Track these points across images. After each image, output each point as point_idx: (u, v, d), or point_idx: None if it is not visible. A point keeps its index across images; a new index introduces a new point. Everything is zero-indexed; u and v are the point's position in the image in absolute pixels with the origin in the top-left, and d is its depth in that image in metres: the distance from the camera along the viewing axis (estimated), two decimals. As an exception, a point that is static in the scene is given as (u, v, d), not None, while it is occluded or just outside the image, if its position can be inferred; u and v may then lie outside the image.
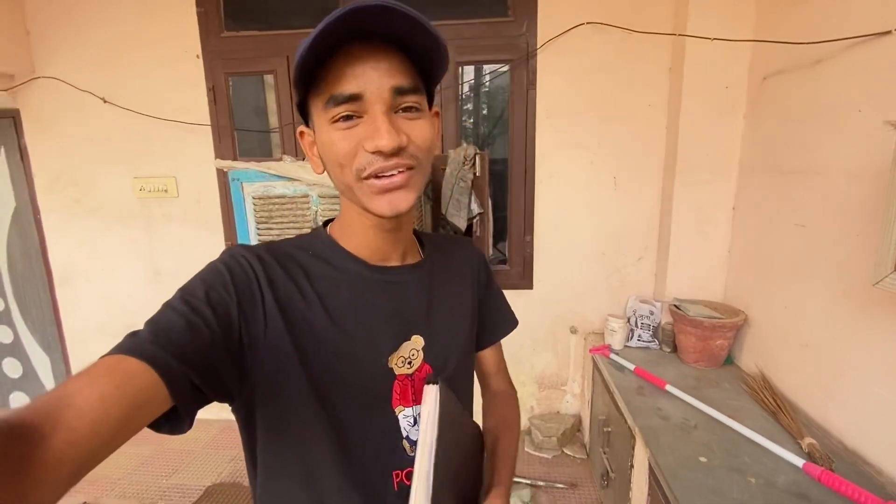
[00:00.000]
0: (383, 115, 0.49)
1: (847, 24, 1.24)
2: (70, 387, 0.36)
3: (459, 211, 1.88)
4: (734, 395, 1.52)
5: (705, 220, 1.87)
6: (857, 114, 1.21)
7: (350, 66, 0.48)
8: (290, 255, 0.57)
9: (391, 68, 0.49)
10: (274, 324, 0.51)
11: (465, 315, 0.69)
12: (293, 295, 0.53)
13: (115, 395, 0.36)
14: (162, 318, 0.44)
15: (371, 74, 0.48)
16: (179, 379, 0.41)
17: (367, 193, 0.52)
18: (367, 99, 0.48)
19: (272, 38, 2.14)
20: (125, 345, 0.41)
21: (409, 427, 0.61)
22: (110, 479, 2.09)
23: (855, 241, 1.21)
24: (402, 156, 0.50)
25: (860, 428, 1.20)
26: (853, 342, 1.21)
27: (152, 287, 2.44)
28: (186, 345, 0.42)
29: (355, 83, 0.48)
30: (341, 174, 0.52)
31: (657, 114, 1.98)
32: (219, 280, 0.49)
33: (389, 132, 0.48)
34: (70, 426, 0.33)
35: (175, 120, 2.21)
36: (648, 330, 1.94)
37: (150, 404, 0.39)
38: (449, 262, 0.70)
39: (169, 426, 0.43)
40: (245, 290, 0.50)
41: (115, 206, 2.38)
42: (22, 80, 2.24)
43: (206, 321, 0.45)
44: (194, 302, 0.46)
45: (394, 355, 0.59)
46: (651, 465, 1.26)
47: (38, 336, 2.61)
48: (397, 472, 0.60)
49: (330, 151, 0.51)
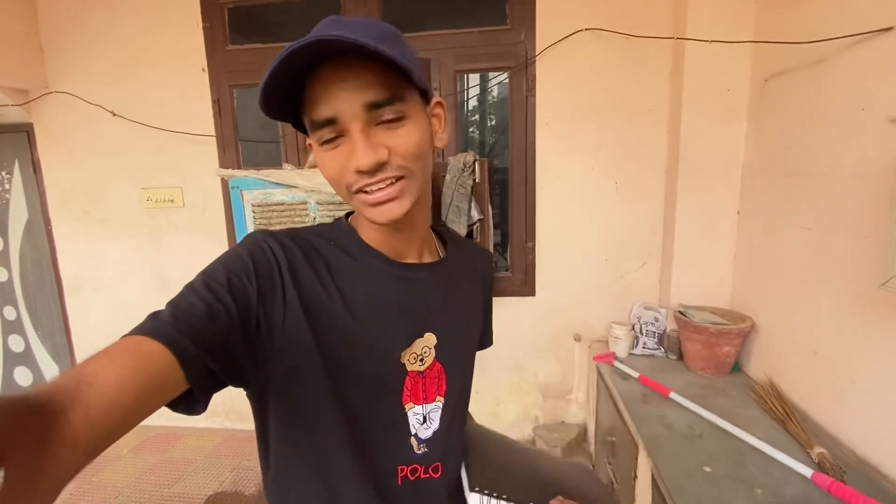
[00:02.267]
0: (360, 134, 0.49)
1: (847, 22, 1.22)
2: (90, 366, 0.36)
3: (459, 217, 1.88)
4: (741, 404, 1.47)
5: (710, 225, 1.84)
6: (861, 112, 1.18)
7: (322, 89, 0.49)
8: (312, 243, 0.57)
9: (362, 84, 0.48)
10: (293, 311, 0.52)
11: (474, 318, 0.71)
12: (314, 284, 0.54)
13: (133, 376, 0.36)
14: (183, 301, 0.45)
15: (341, 95, 0.48)
16: (196, 363, 0.41)
17: (362, 206, 0.54)
18: (342, 120, 0.49)
19: (275, 51, 2.13)
20: (146, 326, 0.42)
21: (419, 425, 0.62)
22: (114, 487, 2.10)
23: (863, 242, 1.17)
24: (385, 170, 0.51)
25: (873, 437, 1.14)
26: (864, 347, 1.17)
27: (159, 296, 2.46)
28: (205, 329, 0.43)
29: (327, 107, 0.49)
30: (338, 190, 0.55)
31: (658, 118, 1.96)
32: (241, 266, 0.50)
33: (365, 152, 0.49)
34: (88, 404, 0.33)
35: (181, 132, 2.26)
36: (654, 337, 1.89)
37: (167, 386, 0.40)
38: (467, 265, 0.71)
39: (184, 407, 0.44)
40: (266, 278, 0.51)
41: (123, 217, 2.42)
42: (36, 95, 2.31)
43: (227, 307, 0.46)
44: (215, 287, 0.46)
45: (406, 351, 0.59)
46: (654, 476, 1.22)
47: (49, 345, 2.65)
48: (403, 466, 0.61)
49: (323, 171, 0.54)
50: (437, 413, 0.63)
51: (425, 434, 0.62)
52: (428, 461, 0.63)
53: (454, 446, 0.67)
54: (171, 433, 2.45)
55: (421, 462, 0.62)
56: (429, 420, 0.63)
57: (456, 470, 0.66)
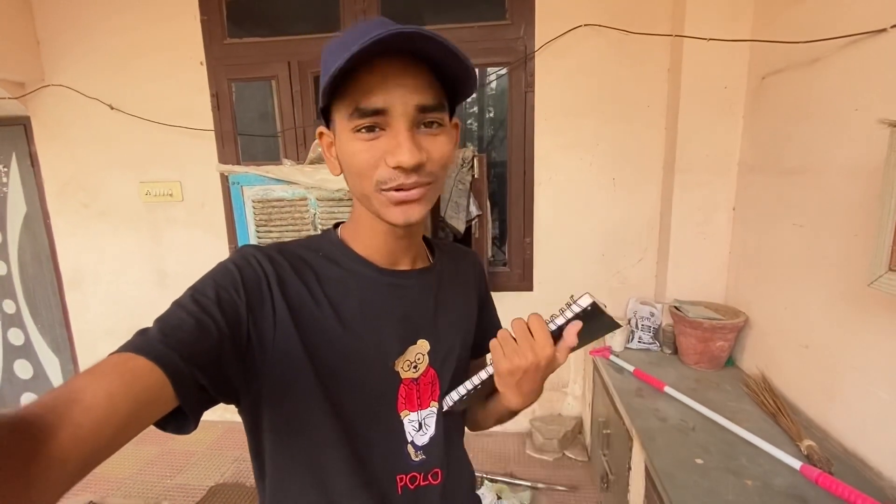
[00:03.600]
0: (406, 132, 0.49)
1: (843, 23, 1.23)
2: (78, 383, 0.36)
3: (458, 213, 1.89)
4: (734, 397, 1.50)
5: (705, 221, 1.86)
6: (855, 112, 1.20)
7: (377, 80, 0.48)
8: (301, 256, 0.57)
9: (417, 85, 0.49)
10: (283, 324, 0.51)
11: (467, 322, 0.70)
12: (304, 296, 0.54)
13: (121, 393, 0.36)
14: (171, 317, 0.44)
15: (397, 91, 0.49)
16: (186, 379, 0.41)
17: (384, 203, 0.53)
18: (392, 114, 0.49)
19: (274, 45, 2.17)
20: (134, 343, 0.41)
21: (415, 432, 0.61)
22: (116, 478, 2.12)
23: (853, 240, 1.20)
24: (420, 173, 0.51)
25: (860, 430, 1.18)
26: (853, 343, 1.20)
27: (158, 290, 2.48)
28: (194, 345, 0.42)
29: (381, 98, 0.48)
30: (360, 183, 0.53)
31: (656, 114, 1.97)
32: (229, 280, 0.50)
33: (411, 150, 0.49)
34: (76, 423, 0.33)
35: (180, 126, 2.25)
36: (649, 332, 1.92)
37: (156, 403, 0.39)
38: (456, 269, 0.71)
39: (174, 425, 0.43)
40: (255, 291, 0.51)
41: (121, 211, 2.43)
42: (32, 87, 2.30)
43: (216, 321, 0.45)
44: (204, 301, 0.46)
45: (400, 359, 0.59)
46: (648, 467, 1.25)
47: (48, 338, 2.66)
48: (401, 475, 0.60)
49: (351, 160, 0.52)
50: (432, 419, 0.63)
51: (422, 440, 0.62)
52: (426, 468, 0.62)
53: (454, 451, 0.66)
54: (172, 425, 2.47)
55: (419, 469, 0.62)
56: (424, 426, 0.62)
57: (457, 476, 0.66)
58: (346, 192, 1.52)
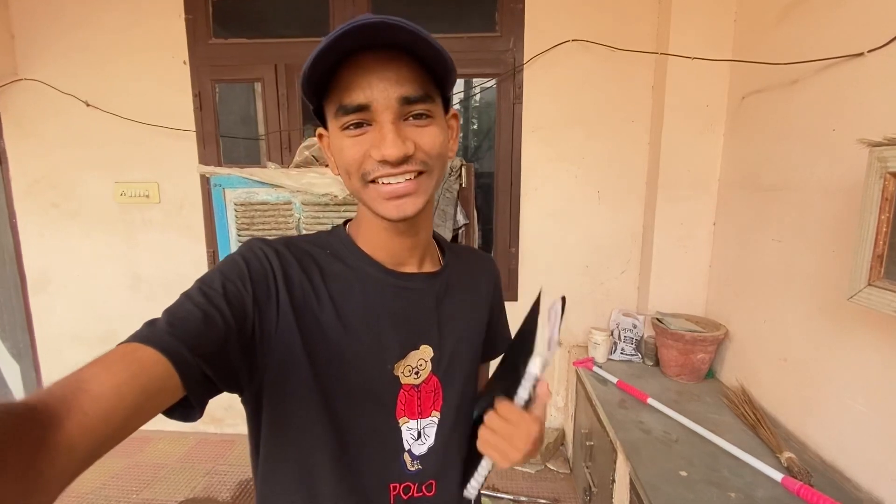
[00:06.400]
0: (390, 125, 0.49)
1: (821, 46, 1.28)
2: (86, 373, 0.36)
3: (445, 221, 1.88)
4: (715, 409, 1.52)
5: (687, 235, 1.90)
6: (832, 132, 1.24)
7: (358, 76, 0.48)
8: (308, 252, 0.57)
9: (399, 77, 0.49)
10: (286, 319, 0.51)
11: (476, 328, 0.69)
12: (307, 292, 0.54)
13: (129, 383, 0.37)
14: (179, 309, 0.45)
15: (379, 85, 0.48)
16: (192, 370, 0.41)
17: (374, 198, 0.52)
18: (375, 108, 0.49)
19: (260, 46, 2.14)
20: (142, 333, 0.42)
21: (413, 440, 0.60)
22: (77, 493, 2.01)
23: (830, 256, 1.23)
24: (409, 163, 0.51)
25: (838, 442, 1.20)
26: (830, 356, 1.23)
27: (131, 294, 2.37)
28: (201, 336, 0.43)
29: (363, 94, 0.48)
30: (349, 180, 0.54)
31: (640, 130, 2.02)
32: (236, 273, 0.50)
33: (395, 142, 0.49)
34: (84, 411, 0.33)
35: (159, 125, 2.19)
36: (631, 343, 1.94)
37: (163, 393, 0.40)
38: (467, 273, 0.69)
39: (180, 413, 0.44)
40: (261, 284, 0.51)
41: (94, 212, 2.33)
42: (3, 81, 2.20)
43: (222, 314, 0.46)
44: (211, 294, 0.47)
45: (400, 363, 0.58)
46: (632, 480, 1.24)
47: (9, 343, 2.52)
48: (395, 484, 0.59)
49: (339, 157, 0.53)
50: (432, 429, 0.61)
51: (419, 450, 0.60)
52: (421, 478, 0.61)
53: (451, 463, 0.64)
54: (141, 436, 2.34)
55: (414, 479, 0.60)
56: (423, 436, 0.61)
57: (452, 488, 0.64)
58: (332, 196, 1.49)
